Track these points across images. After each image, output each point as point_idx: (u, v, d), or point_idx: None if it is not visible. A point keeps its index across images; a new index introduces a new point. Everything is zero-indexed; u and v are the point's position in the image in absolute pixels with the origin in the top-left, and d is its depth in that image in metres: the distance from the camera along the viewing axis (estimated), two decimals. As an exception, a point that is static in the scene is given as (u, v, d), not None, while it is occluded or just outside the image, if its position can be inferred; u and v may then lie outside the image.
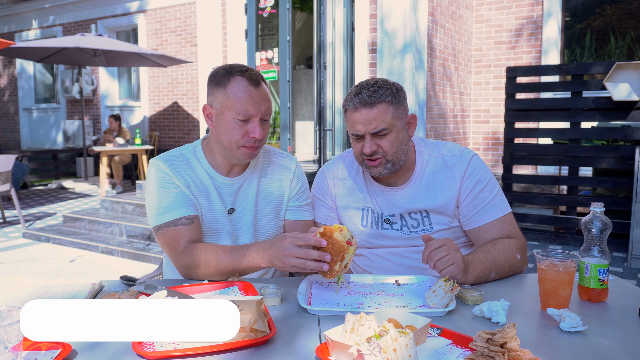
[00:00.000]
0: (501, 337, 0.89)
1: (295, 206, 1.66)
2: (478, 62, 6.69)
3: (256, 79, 1.47)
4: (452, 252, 1.29)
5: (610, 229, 1.25)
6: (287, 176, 1.66)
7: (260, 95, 1.47)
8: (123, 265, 4.57)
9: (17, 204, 5.89)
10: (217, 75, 1.49)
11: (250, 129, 1.47)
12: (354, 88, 1.52)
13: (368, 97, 1.47)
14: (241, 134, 1.47)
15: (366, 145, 1.50)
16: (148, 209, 1.54)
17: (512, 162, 4.97)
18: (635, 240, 4.03)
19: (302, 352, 0.98)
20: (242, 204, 1.59)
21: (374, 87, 1.49)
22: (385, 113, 1.48)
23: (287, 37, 6.11)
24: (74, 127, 10.29)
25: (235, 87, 1.45)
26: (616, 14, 6.19)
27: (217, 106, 1.49)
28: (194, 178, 1.54)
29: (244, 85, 1.45)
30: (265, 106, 1.48)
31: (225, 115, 1.47)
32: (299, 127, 7.81)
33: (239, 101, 1.44)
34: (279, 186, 1.65)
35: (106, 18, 10.06)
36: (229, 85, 1.46)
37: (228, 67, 1.50)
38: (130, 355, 0.97)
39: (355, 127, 1.50)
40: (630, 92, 4.28)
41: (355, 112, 1.49)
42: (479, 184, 1.57)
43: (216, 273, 1.39)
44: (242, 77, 1.46)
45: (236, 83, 1.45)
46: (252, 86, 1.46)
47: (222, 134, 1.49)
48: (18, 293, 1.29)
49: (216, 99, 1.49)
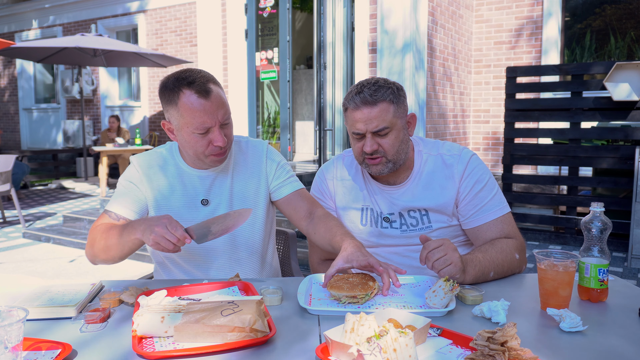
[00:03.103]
0: (502, 335, 0.89)
1: (278, 184, 1.65)
2: (478, 62, 6.69)
3: (205, 89, 1.42)
4: (449, 252, 1.29)
5: (610, 229, 1.25)
6: (261, 165, 1.65)
7: (213, 105, 1.42)
8: (123, 265, 4.57)
9: (17, 204, 5.88)
10: (166, 91, 1.45)
11: (213, 139, 1.45)
12: (355, 87, 1.51)
13: (369, 95, 1.47)
14: (204, 144, 1.46)
15: (367, 144, 1.50)
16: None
17: (512, 162, 4.97)
18: (635, 240, 4.03)
19: (302, 352, 0.98)
20: (217, 196, 1.59)
21: (375, 85, 1.49)
22: (386, 112, 1.48)
23: (287, 37, 6.11)
24: (74, 127, 10.29)
25: (186, 103, 1.41)
26: (616, 14, 6.19)
27: (174, 122, 1.47)
28: (166, 174, 1.58)
29: (194, 99, 1.41)
30: (221, 113, 1.44)
31: (184, 130, 1.45)
32: (299, 127, 7.81)
33: (193, 116, 1.41)
34: (256, 183, 1.63)
35: (106, 18, 10.06)
36: (179, 101, 1.42)
37: (174, 80, 1.44)
38: (130, 355, 0.97)
39: (356, 125, 1.50)
40: (630, 92, 4.28)
41: (356, 111, 1.49)
42: (478, 184, 1.57)
43: (104, 245, 1.45)
44: (190, 91, 1.41)
45: (185, 98, 1.41)
46: (202, 98, 1.41)
47: (186, 147, 1.50)
48: (18, 293, 1.29)
49: (171, 115, 1.47)
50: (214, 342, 0.99)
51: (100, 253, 1.47)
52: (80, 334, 1.07)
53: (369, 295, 1.23)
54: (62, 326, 1.11)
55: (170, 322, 1.02)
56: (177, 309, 1.06)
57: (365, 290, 1.22)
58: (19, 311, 0.89)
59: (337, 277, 1.29)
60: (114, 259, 1.47)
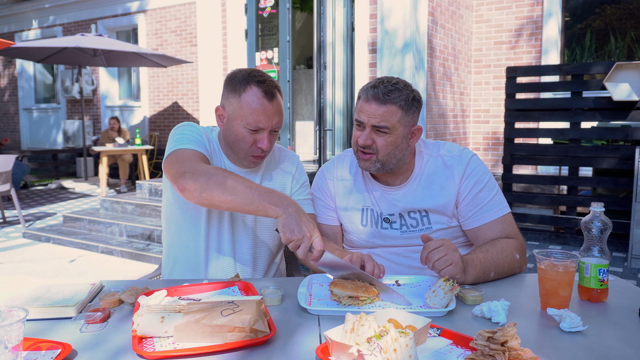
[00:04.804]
0: (502, 335, 0.89)
1: (297, 200, 1.67)
2: (478, 62, 6.69)
3: (272, 92, 1.48)
4: (450, 252, 1.29)
5: (610, 229, 1.25)
6: (289, 179, 1.70)
7: (273, 109, 1.48)
8: (123, 265, 4.57)
9: (17, 204, 5.88)
10: (234, 81, 1.50)
11: (259, 139, 1.49)
12: (375, 80, 1.53)
13: (382, 94, 1.48)
14: (249, 142, 1.49)
15: (363, 135, 1.51)
16: (169, 144, 1.51)
17: (512, 162, 4.97)
18: (635, 240, 4.03)
19: (302, 352, 0.98)
20: None
21: (392, 86, 1.49)
22: (392, 115, 1.48)
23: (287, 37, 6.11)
24: (74, 127, 10.29)
25: (250, 98, 1.46)
26: (616, 14, 6.19)
27: (229, 111, 1.50)
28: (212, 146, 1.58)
29: (259, 97, 1.46)
30: (276, 119, 1.49)
31: (237, 122, 1.48)
32: (299, 127, 7.81)
33: (252, 112, 1.46)
34: (281, 189, 1.67)
35: (106, 18, 10.06)
36: (244, 94, 1.46)
37: (246, 74, 1.49)
38: (130, 355, 0.97)
39: (360, 115, 1.52)
40: (630, 92, 4.28)
41: (366, 103, 1.50)
42: (478, 184, 1.57)
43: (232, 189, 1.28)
44: (258, 88, 1.46)
45: (251, 93, 1.46)
46: (266, 99, 1.46)
47: (231, 138, 1.52)
48: (18, 293, 1.29)
49: (230, 103, 1.50)
50: (214, 342, 0.99)
51: (217, 187, 1.28)
52: (80, 334, 1.07)
53: (371, 299, 1.23)
54: (62, 326, 1.11)
55: (170, 322, 1.02)
56: (177, 309, 1.06)
57: (369, 294, 1.22)
58: (19, 311, 0.89)
59: (342, 278, 1.29)
60: (226, 203, 1.29)
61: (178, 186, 1.33)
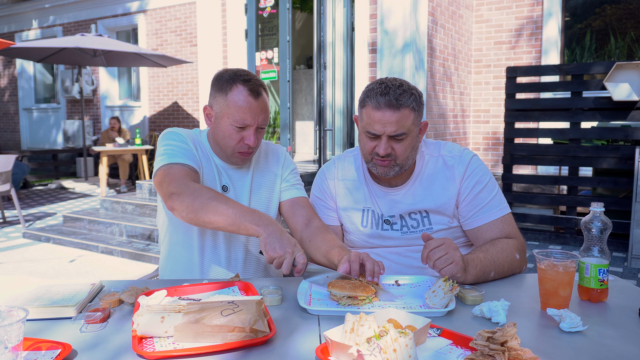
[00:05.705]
0: (502, 335, 0.89)
1: (286, 186, 1.72)
2: (478, 62, 6.69)
3: (257, 90, 1.52)
4: (451, 251, 1.29)
5: (610, 229, 1.25)
6: (278, 168, 1.73)
7: (259, 106, 1.52)
8: (123, 265, 4.57)
9: (17, 204, 5.88)
10: (221, 80, 1.54)
11: (246, 136, 1.53)
12: (379, 86, 1.47)
13: (395, 99, 1.44)
14: (237, 139, 1.53)
15: (381, 146, 1.47)
16: (157, 157, 1.55)
17: (512, 162, 4.97)
18: (635, 240, 4.03)
19: (302, 352, 0.98)
20: (238, 185, 1.65)
21: (400, 89, 1.46)
22: (407, 118, 1.46)
23: (287, 37, 6.11)
24: (74, 127, 10.29)
25: (236, 96, 1.50)
26: (616, 14, 6.19)
27: (216, 109, 1.55)
28: (197, 150, 1.61)
29: (245, 95, 1.50)
30: (262, 117, 1.53)
31: (224, 120, 1.53)
32: (299, 127, 7.81)
33: (238, 110, 1.50)
34: (272, 182, 1.71)
35: (106, 18, 10.06)
36: (230, 92, 1.51)
37: (232, 74, 1.54)
38: (130, 355, 0.97)
39: (373, 126, 1.47)
40: (630, 92, 4.28)
41: (377, 111, 1.45)
42: (479, 185, 1.57)
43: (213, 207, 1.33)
44: (244, 87, 1.50)
45: (237, 92, 1.50)
46: (252, 97, 1.50)
47: (219, 136, 1.56)
48: (18, 293, 1.29)
49: (217, 102, 1.54)
50: (214, 342, 0.99)
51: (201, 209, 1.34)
52: (80, 334, 1.07)
53: (369, 299, 1.23)
54: (62, 326, 1.11)
55: (170, 322, 1.02)
56: (177, 309, 1.06)
57: (367, 292, 1.22)
58: (19, 311, 0.89)
59: (340, 278, 1.29)
60: (210, 224, 1.35)
61: (167, 206, 1.42)
